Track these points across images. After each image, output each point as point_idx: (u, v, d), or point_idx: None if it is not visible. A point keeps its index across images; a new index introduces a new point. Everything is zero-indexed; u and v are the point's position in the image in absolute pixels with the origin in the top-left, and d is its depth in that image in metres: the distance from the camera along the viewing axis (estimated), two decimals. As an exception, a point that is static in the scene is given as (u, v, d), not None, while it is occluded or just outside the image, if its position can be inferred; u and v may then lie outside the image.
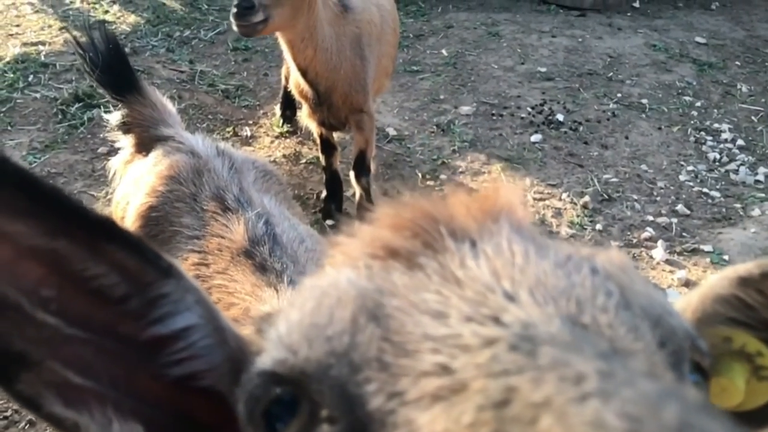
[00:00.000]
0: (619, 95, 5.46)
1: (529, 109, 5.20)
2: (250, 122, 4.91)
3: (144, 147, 2.12)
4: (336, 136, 4.01)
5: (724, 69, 5.96)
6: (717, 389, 0.85)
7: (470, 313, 0.54)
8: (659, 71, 5.86)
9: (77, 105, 4.83)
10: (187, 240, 1.62)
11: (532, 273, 0.58)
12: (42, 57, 5.43)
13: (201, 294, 0.75)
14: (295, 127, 4.74)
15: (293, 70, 3.47)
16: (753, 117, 5.29)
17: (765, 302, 0.85)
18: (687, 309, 0.88)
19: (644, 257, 3.85)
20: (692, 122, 5.15)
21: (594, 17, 6.89)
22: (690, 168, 4.63)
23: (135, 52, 5.66)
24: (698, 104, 5.39)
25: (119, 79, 2.19)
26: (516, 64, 5.86)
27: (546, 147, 4.78)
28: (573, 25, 6.68)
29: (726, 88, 5.66)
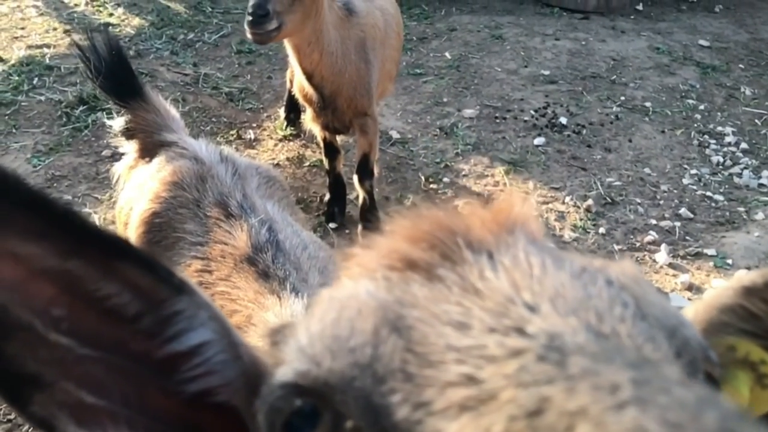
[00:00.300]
0: (623, 98, 5.46)
1: (533, 112, 5.20)
2: (254, 125, 4.92)
3: (148, 152, 2.13)
4: (339, 140, 4.02)
5: (728, 72, 5.95)
6: None
7: (493, 324, 0.55)
8: (663, 74, 5.86)
9: (81, 108, 4.84)
10: (191, 246, 1.63)
11: (551, 284, 0.58)
12: (47, 60, 5.45)
13: (214, 310, 0.75)
14: (299, 130, 4.76)
15: (298, 74, 3.48)
16: (756, 120, 5.28)
17: None
18: (694, 319, 0.88)
19: (647, 261, 3.85)
20: (696, 125, 5.15)
21: (597, 20, 6.89)
22: (693, 171, 4.63)
23: (139, 55, 5.68)
24: (702, 107, 5.39)
25: (122, 85, 2.19)
26: (519, 67, 5.87)
27: (549, 150, 4.79)
28: (576, 28, 6.68)
29: (729, 91, 5.66)
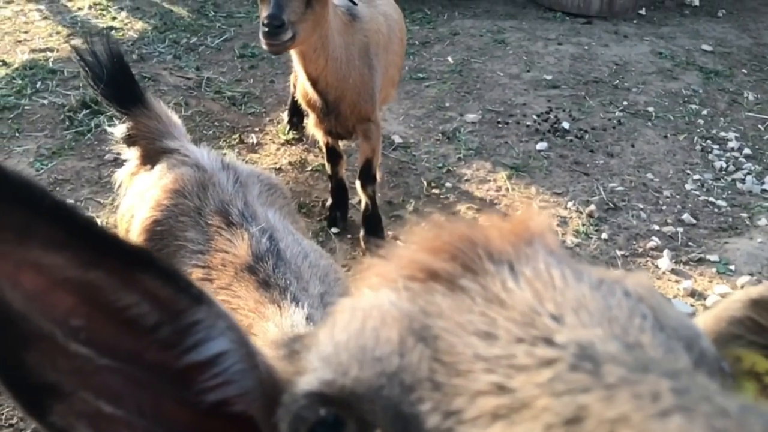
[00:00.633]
0: (625, 103, 5.45)
1: (535, 117, 5.19)
2: (257, 129, 4.92)
3: (149, 159, 2.13)
4: (342, 145, 4.02)
5: (731, 77, 5.94)
6: None
7: (520, 334, 0.55)
8: (665, 79, 5.85)
9: (84, 112, 4.86)
10: (192, 255, 1.63)
11: (572, 296, 0.59)
12: (50, 63, 5.47)
13: (231, 319, 0.75)
14: (301, 135, 4.76)
15: (302, 80, 3.47)
16: (760, 125, 5.27)
17: None
18: (703, 330, 0.90)
19: (650, 267, 3.84)
20: (698, 131, 5.14)
21: (600, 24, 6.89)
22: (696, 177, 4.62)
23: (142, 59, 5.69)
24: (704, 112, 5.38)
25: (124, 92, 2.19)
26: (522, 72, 5.87)
27: (551, 155, 4.78)
28: (579, 33, 6.67)
29: (732, 97, 5.65)
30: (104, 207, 4.03)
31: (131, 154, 2.24)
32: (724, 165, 4.75)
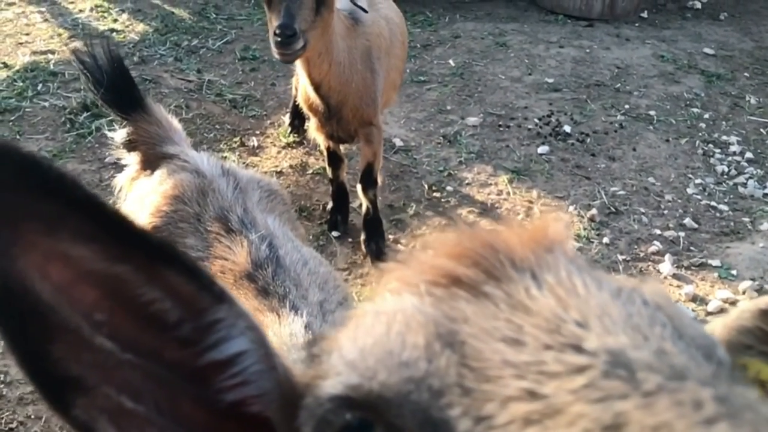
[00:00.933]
0: (627, 107, 5.44)
1: (536, 121, 5.19)
2: (257, 132, 4.92)
3: (149, 164, 2.13)
4: (342, 148, 4.02)
5: (733, 80, 5.93)
6: None
7: (548, 341, 0.56)
8: (667, 82, 5.84)
9: (85, 114, 4.85)
10: (191, 262, 1.62)
11: (595, 303, 0.59)
12: (51, 66, 5.47)
13: (251, 319, 0.75)
14: (302, 138, 4.75)
15: (305, 84, 3.45)
16: (762, 129, 5.26)
17: None
18: None
19: (651, 271, 3.83)
20: (700, 134, 5.13)
21: (602, 27, 6.88)
22: (698, 181, 4.61)
23: (143, 62, 5.69)
24: (706, 116, 5.37)
25: (124, 97, 2.19)
26: (523, 75, 5.86)
27: (553, 159, 4.77)
28: (581, 36, 6.67)
29: (734, 100, 5.64)
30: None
31: (131, 159, 2.24)
32: (726, 169, 4.74)
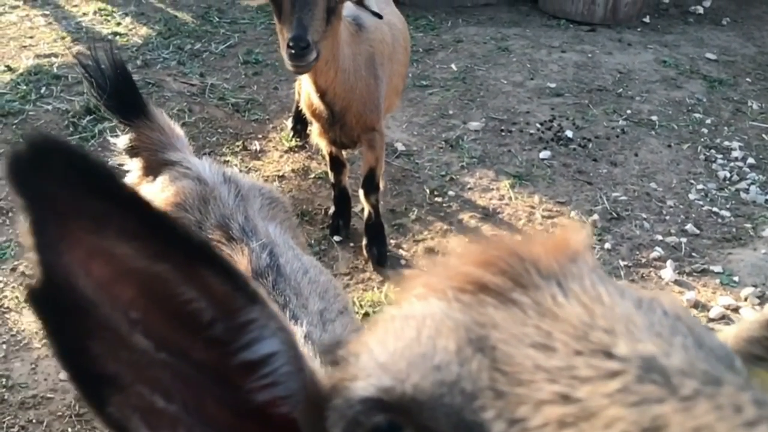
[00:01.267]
0: (629, 112, 5.44)
1: (538, 125, 5.19)
2: (260, 136, 4.93)
3: (151, 171, 2.13)
4: (344, 153, 4.02)
5: (735, 86, 5.93)
6: None
7: (577, 347, 0.57)
8: (669, 88, 5.84)
9: (88, 118, 4.87)
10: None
11: (620, 312, 0.61)
12: (54, 69, 5.48)
13: (282, 321, 0.76)
14: (305, 142, 4.76)
15: (309, 91, 3.44)
16: (764, 135, 5.25)
17: None
18: None
19: (653, 277, 3.83)
20: (702, 140, 5.13)
21: (604, 32, 6.88)
22: (700, 186, 4.60)
23: (146, 65, 5.70)
24: (708, 121, 5.37)
25: (127, 103, 2.20)
26: (525, 80, 5.86)
27: (555, 164, 4.77)
28: (583, 40, 6.67)
29: (737, 106, 5.63)
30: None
31: (133, 166, 2.24)
32: (728, 175, 4.74)
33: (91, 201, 0.66)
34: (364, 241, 3.90)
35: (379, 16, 3.30)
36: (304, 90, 3.58)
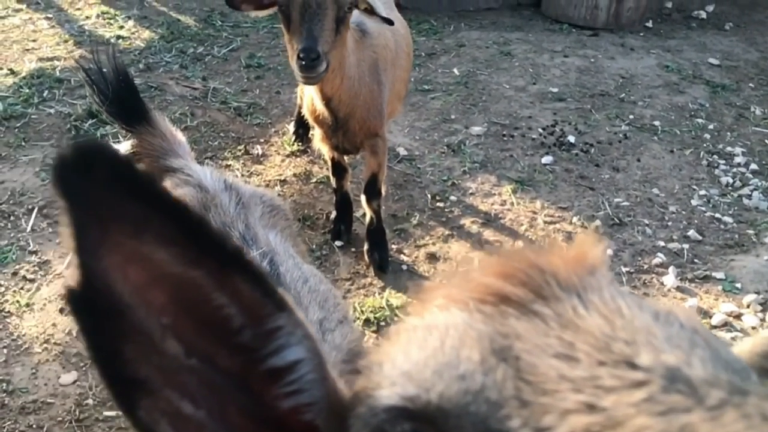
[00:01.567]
0: (631, 117, 5.43)
1: (541, 130, 5.18)
2: (262, 140, 4.93)
3: (153, 177, 2.13)
4: (347, 158, 4.02)
5: (738, 91, 5.92)
6: None
7: (601, 358, 0.58)
8: (672, 93, 5.83)
9: (91, 121, 4.88)
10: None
11: (640, 324, 0.61)
12: (57, 72, 5.49)
13: (307, 329, 0.76)
14: (307, 146, 4.76)
15: (314, 98, 3.43)
16: (767, 140, 5.24)
17: None
18: None
19: (655, 284, 3.82)
20: (705, 145, 5.12)
21: (606, 37, 6.88)
22: (702, 192, 4.59)
23: (148, 69, 5.71)
24: (711, 127, 5.36)
25: (129, 110, 2.20)
26: (528, 84, 5.86)
27: (557, 169, 4.77)
28: (585, 45, 6.66)
29: (739, 111, 5.62)
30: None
31: (134, 172, 2.23)
32: (731, 180, 4.73)
33: (133, 206, 0.67)
34: (366, 246, 3.89)
35: (390, 23, 3.28)
36: (307, 95, 3.57)
